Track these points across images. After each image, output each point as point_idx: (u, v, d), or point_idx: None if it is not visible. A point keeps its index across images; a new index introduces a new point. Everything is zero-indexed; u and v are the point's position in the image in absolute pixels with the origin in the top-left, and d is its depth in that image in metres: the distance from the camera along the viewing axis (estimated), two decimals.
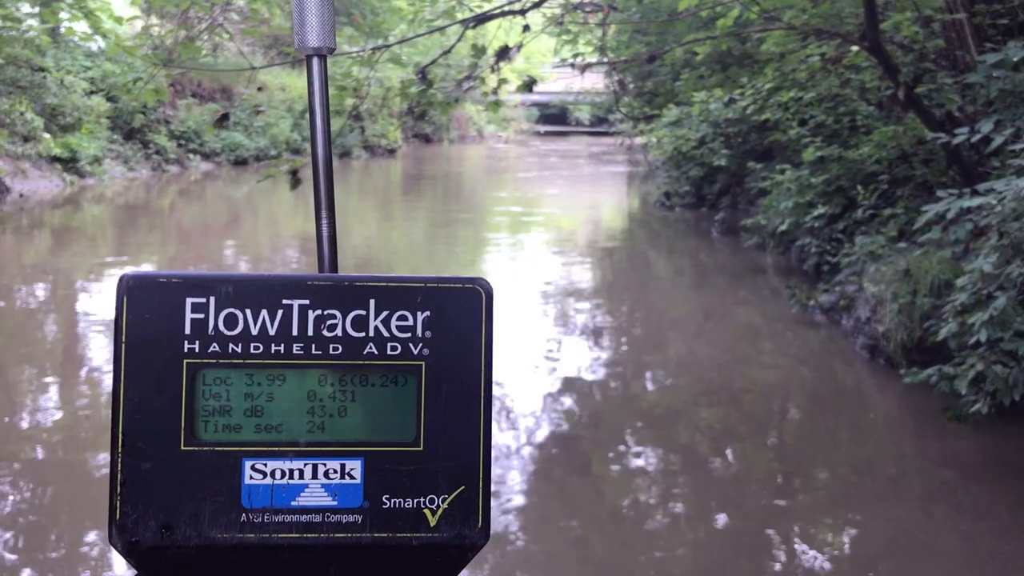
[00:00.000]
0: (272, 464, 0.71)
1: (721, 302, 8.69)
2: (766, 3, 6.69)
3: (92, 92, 17.57)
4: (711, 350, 7.00)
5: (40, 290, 8.90)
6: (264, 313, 0.71)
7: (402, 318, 0.72)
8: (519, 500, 4.36)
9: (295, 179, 5.36)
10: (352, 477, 0.72)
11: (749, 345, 7.15)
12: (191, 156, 20.63)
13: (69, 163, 16.48)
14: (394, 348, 0.72)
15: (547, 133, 43.84)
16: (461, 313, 0.73)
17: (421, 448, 0.72)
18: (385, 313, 0.72)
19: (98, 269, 9.88)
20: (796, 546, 3.93)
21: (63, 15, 13.87)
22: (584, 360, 6.67)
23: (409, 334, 0.72)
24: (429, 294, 0.73)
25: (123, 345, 0.70)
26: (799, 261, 9.09)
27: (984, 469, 4.68)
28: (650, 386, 6.33)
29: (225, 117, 5.50)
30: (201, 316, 0.71)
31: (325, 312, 0.72)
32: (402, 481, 0.72)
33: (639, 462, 4.88)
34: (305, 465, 0.71)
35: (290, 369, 0.71)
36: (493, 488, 4.34)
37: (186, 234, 13.13)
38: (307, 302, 0.72)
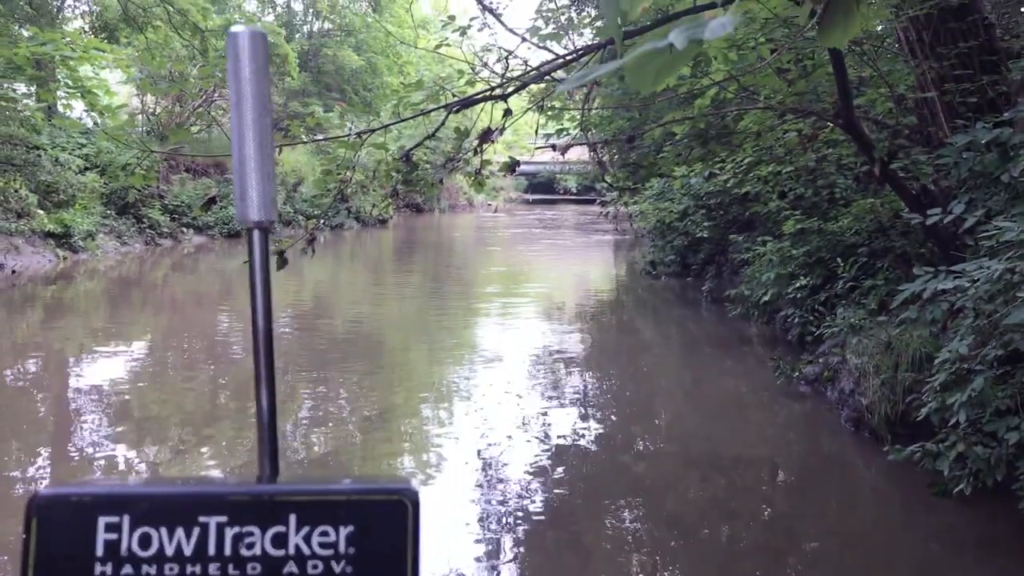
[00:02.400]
0: None
1: (708, 372, 8.73)
2: (744, 81, 6.87)
3: (86, 168, 17.78)
4: (699, 420, 7.02)
5: (32, 366, 8.89)
6: (180, 532, 0.69)
7: (324, 534, 0.70)
8: (509, 571, 4.34)
9: (282, 260, 5.42)
10: None
11: (737, 415, 7.17)
12: (184, 230, 20.81)
13: (62, 238, 16.59)
14: (315, 567, 0.69)
15: (535, 201, 44.39)
16: (386, 527, 0.70)
17: None
18: (306, 529, 0.69)
19: (90, 344, 9.89)
20: None
21: (60, 93, 14.14)
22: (574, 429, 6.68)
23: (331, 551, 0.70)
24: (352, 508, 0.70)
25: (30, 570, 0.68)
26: (783, 331, 9.16)
27: (971, 546, 4.68)
28: (639, 456, 6.33)
29: (212, 201, 5.57)
30: (114, 536, 0.68)
31: (244, 529, 0.69)
32: None
33: (630, 533, 4.87)
34: None
35: None
36: (484, 561, 4.33)
37: (179, 307, 13.16)
38: (225, 519, 0.69)
